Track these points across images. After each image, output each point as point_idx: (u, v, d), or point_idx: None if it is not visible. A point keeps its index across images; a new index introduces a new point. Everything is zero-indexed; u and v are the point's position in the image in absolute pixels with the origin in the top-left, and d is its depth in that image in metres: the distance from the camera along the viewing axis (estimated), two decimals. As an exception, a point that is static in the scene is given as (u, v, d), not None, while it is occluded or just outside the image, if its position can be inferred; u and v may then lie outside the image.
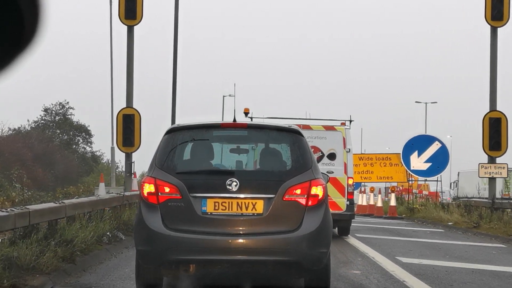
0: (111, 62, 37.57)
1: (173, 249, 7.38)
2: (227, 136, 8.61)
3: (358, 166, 32.64)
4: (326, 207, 7.70)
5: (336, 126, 17.71)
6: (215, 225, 7.43)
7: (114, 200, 14.96)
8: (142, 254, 7.58)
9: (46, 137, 50.57)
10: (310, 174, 7.72)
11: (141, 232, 7.60)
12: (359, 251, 13.75)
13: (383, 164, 33.22)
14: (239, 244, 7.41)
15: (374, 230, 20.65)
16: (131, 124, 22.18)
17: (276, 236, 7.44)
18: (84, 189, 30.37)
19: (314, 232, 7.49)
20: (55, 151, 48.70)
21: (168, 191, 7.56)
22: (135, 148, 22.30)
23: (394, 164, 32.86)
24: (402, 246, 15.42)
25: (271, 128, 8.29)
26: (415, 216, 29.02)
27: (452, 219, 24.09)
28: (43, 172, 42.35)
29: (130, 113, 22.43)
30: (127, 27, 22.49)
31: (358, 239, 16.60)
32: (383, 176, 33.34)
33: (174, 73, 27.49)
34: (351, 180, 17.22)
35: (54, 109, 55.37)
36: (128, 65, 22.93)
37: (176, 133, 8.05)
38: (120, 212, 15.41)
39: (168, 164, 7.73)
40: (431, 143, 29.26)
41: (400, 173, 32.76)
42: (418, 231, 21.46)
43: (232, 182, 7.53)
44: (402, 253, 13.59)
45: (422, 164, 29.27)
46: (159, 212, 7.53)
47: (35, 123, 53.88)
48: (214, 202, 7.51)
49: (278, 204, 7.49)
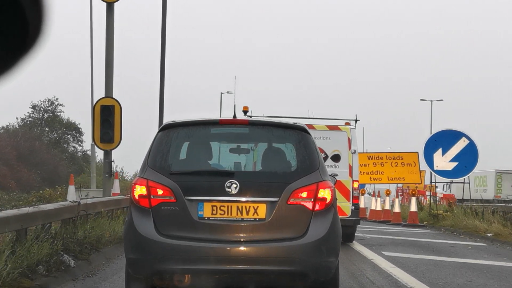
0: (91, 49, 34.43)
1: (166, 258, 7.33)
2: (226, 134, 8.47)
3: (367, 166, 30.97)
4: (334, 212, 7.61)
5: (341, 126, 17.76)
6: (212, 231, 7.38)
7: (64, 211, 11.48)
8: (132, 263, 7.52)
9: (33, 136, 48.48)
10: (318, 175, 7.61)
11: (131, 239, 7.52)
12: (399, 283, 11.01)
13: (394, 163, 31.10)
14: (239, 252, 7.35)
15: (402, 245, 18.40)
16: (110, 116, 19.98)
17: (279, 243, 7.37)
18: (62, 192, 27.14)
19: (321, 239, 7.40)
20: (42, 150, 48.24)
21: (161, 194, 7.49)
22: (115, 145, 20.26)
23: (407, 163, 30.89)
24: (453, 273, 12.48)
25: (275, 125, 8.17)
26: (440, 224, 26.95)
27: (491, 229, 21.69)
28: (28, 173, 40.13)
29: (109, 104, 20.29)
30: (106, 4, 20.80)
31: (388, 260, 14.16)
32: (394, 177, 31.45)
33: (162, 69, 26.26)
34: (356, 183, 17.23)
35: (43, 106, 53.17)
36: (108, 48, 20.97)
37: (170, 130, 7.94)
38: (74, 227, 12.68)
39: (162, 164, 7.67)
40: (457, 139, 26.85)
41: (413, 173, 30.92)
42: (456, 246, 18.83)
43: (231, 184, 7.46)
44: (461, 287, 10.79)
45: (447, 163, 26.74)
46: (151, 217, 7.45)
47: (22, 121, 51.25)
48: (211, 206, 7.47)
49: (282, 208, 7.43)
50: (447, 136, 26.98)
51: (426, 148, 26.93)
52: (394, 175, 31.35)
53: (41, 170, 45.16)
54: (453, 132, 27.25)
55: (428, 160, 26.77)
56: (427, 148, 26.88)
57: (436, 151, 26.78)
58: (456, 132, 27.18)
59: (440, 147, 26.74)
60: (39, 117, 56.12)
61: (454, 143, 26.78)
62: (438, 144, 26.78)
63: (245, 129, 8.31)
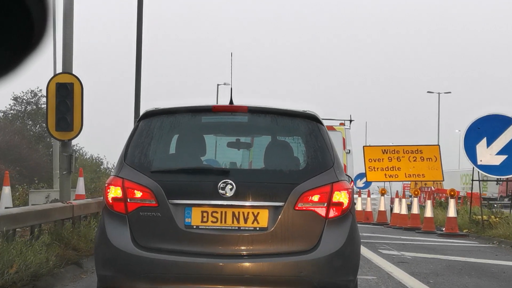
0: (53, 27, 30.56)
1: (145, 275, 6.80)
2: (220, 123, 7.73)
3: (381, 161, 27.24)
4: (352, 219, 7.04)
5: (335, 126, 18.03)
6: (202, 243, 6.83)
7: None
8: (104, 280, 7.03)
9: (14, 129, 48.08)
10: (332, 175, 6.96)
11: (103, 252, 7.00)
12: None
13: (412, 158, 27.16)
14: (236, 269, 6.78)
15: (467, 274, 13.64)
16: (68, 97, 16.75)
17: (285, 258, 6.76)
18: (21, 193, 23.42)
19: (337, 253, 6.79)
20: (23, 145, 45.31)
21: (139, 197, 6.86)
22: (74, 134, 17.01)
23: (427, 158, 27.08)
24: None
25: (280, 112, 7.42)
26: (488, 234, 23.07)
27: None
28: (5, 170, 35.77)
29: (67, 81, 17.01)
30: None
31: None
32: (412, 173, 27.59)
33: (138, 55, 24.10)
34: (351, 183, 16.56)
35: (25, 97, 52.30)
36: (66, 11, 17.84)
37: (152, 119, 7.31)
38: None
39: (141, 160, 7.07)
40: (506, 127, 22.96)
41: (434, 169, 27.12)
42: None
43: (226, 184, 6.81)
44: None
45: (493, 157, 22.84)
46: (128, 225, 6.85)
47: (3, 113, 48.54)
48: (201, 211, 6.86)
49: (288, 215, 6.82)
50: (493, 122, 23.69)
51: (467, 138, 24.60)
52: (413, 171, 27.79)
53: (20, 166, 41.89)
54: (500, 117, 24.35)
55: (469, 153, 23.98)
56: (468, 137, 24.59)
57: (480, 141, 23.54)
58: (505, 118, 23.88)
59: (485, 136, 23.51)
60: (22, 110, 52.46)
61: (501, 130, 23.28)
62: (482, 132, 23.60)
63: (243, 118, 7.62)
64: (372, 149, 28.03)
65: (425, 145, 29.44)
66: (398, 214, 29.28)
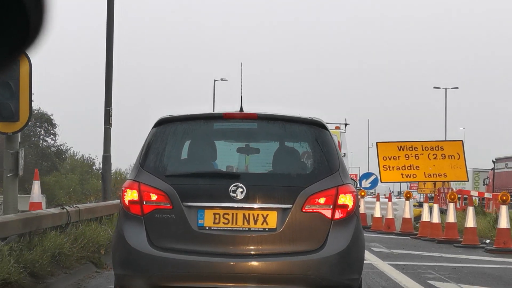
0: None
1: (160, 274, 7.12)
2: (231, 130, 8.07)
3: (397, 159, 25.20)
4: (357, 220, 7.37)
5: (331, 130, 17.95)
6: (214, 243, 7.15)
7: None
8: (121, 279, 7.37)
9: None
10: (338, 178, 7.31)
11: (121, 252, 7.33)
12: None
13: (432, 155, 24.89)
14: (246, 268, 7.09)
15: None
16: (12, 79, 13.12)
17: (293, 257, 7.08)
18: None
19: (342, 252, 7.11)
20: None
21: (155, 199, 7.19)
22: (21, 125, 13.55)
23: (449, 155, 24.82)
24: None
25: (288, 119, 7.76)
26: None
27: None
28: None
29: None
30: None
31: None
32: (433, 173, 25.21)
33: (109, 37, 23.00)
34: None
35: None
36: None
37: (166, 126, 7.63)
38: None
39: (156, 165, 7.40)
40: None
41: (457, 168, 24.94)
42: None
43: (237, 188, 7.13)
44: None
45: None
46: (144, 226, 7.17)
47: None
48: (213, 213, 7.19)
49: (296, 216, 7.15)
50: None
51: None
52: (433, 170, 24.96)
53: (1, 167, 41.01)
54: None
55: None
56: None
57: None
58: None
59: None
60: (5, 108, 52.67)
61: None
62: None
63: (253, 124, 7.91)
64: (386, 146, 25.48)
65: (446, 141, 26.78)
66: (428, 222, 22.75)
